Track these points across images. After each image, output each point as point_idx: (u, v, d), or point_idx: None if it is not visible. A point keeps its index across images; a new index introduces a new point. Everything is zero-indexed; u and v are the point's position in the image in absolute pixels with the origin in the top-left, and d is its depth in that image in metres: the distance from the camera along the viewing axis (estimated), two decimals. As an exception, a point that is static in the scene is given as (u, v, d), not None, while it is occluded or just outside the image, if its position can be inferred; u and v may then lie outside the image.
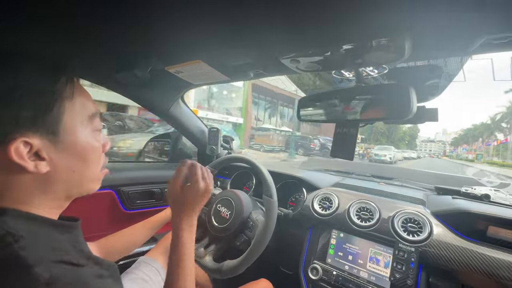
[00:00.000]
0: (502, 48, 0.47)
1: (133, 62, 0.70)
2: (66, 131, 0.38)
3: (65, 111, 0.37)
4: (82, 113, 0.40)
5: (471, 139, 54.14)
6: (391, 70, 0.69)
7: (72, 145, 0.39)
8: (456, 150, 60.16)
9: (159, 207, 1.32)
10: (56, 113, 0.36)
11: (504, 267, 0.66)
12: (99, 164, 0.46)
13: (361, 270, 0.85)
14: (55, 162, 0.37)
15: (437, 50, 0.51)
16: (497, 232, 0.75)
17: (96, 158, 0.44)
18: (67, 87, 0.38)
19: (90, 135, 0.42)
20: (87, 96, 0.43)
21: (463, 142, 63.02)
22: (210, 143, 1.40)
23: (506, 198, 0.93)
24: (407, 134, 46.54)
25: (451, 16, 0.41)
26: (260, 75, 0.80)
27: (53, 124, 0.36)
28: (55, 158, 0.37)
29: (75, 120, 0.39)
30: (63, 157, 0.38)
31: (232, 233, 0.85)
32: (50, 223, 0.38)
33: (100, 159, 0.46)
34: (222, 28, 0.51)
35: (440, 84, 0.74)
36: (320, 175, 1.28)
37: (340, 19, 0.45)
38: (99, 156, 0.45)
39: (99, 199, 1.15)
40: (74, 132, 0.39)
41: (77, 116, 0.40)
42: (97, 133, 0.44)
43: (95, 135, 0.43)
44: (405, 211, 0.86)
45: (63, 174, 0.39)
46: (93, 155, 0.43)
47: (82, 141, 0.40)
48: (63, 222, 0.41)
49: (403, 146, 42.44)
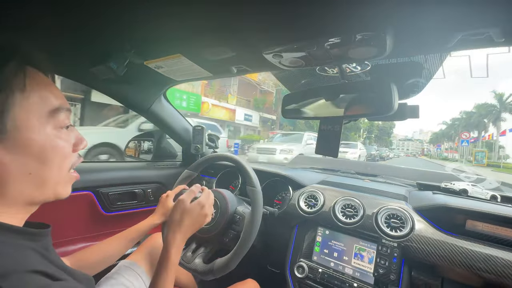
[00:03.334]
0: (479, 45, 0.47)
1: (108, 54, 0.66)
2: (17, 127, 0.33)
3: (15, 105, 0.33)
4: (40, 107, 0.36)
5: (455, 133, 49.02)
6: (374, 67, 0.70)
7: (26, 144, 0.35)
8: (441, 147, 54.08)
9: (141, 209, 1.27)
10: (1, 107, 0.32)
11: (481, 259, 0.68)
12: (65, 166, 0.41)
13: (346, 266, 0.85)
14: (4, 162, 0.33)
15: (417, 47, 0.52)
16: (475, 226, 0.77)
17: (59, 158, 0.39)
18: (17, 77, 0.34)
19: (51, 133, 0.38)
20: (49, 89, 0.38)
21: (445, 139, 58.37)
22: (195, 142, 1.37)
23: (482, 192, 0.97)
24: (375, 127, 36.97)
25: (430, 12, 0.41)
26: (244, 71, 0.78)
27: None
28: (3, 158, 0.33)
29: (31, 116, 0.35)
30: (15, 157, 0.34)
31: (219, 231, 0.83)
32: (12, 230, 0.34)
33: (66, 160, 0.41)
34: (202, 20, 0.49)
35: (421, 82, 0.75)
36: (306, 173, 1.29)
37: (324, 13, 0.44)
38: (63, 157, 0.40)
39: (76, 201, 1.09)
40: (28, 129, 0.35)
41: (33, 111, 0.35)
42: (62, 130, 0.40)
43: (59, 133, 0.39)
44: (388, 207, 0.88)
45: (16, 176, 0.34)
46: (53, 156, 0.38)
47: (40, 139, 0.36)
48: (29, 229, 0.36)
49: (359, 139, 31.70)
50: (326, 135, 0.74)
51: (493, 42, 0.46)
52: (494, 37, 0.42)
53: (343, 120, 0.70)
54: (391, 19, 0.44)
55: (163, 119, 1.27)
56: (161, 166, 1.44)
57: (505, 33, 0.41)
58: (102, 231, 1.19)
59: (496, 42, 0.45)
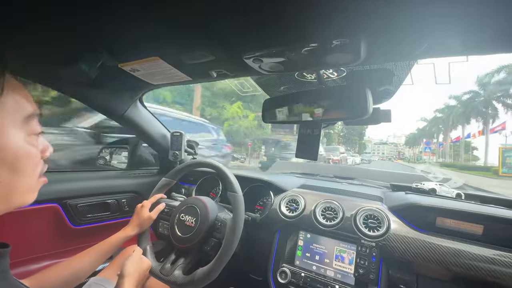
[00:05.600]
0: (442, 53, 0.52)
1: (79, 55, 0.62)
2: None
3: None
4: (15, 113, 0.34)
5: (435, 131, 41.26)
6: (349, 73, 0.73)
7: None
8: (432, 145, 41.32)
9: (115, 220, 1.20)
10: None
11: (450, 254, 0.73)
12: (35, 173, 0.39)
13: (328, 269, 0.86)
14: None
15: (388, 54, 0.55)
16: (444, 222, 0.82)
17: (31, 166, 0.37)
18: None
19: (25, 140, 0.36)
20: (23, 94, 0.36)
21: (423, 138, 49.47)
22: (173, 148, 1.33)
23: (448, 191, 1.04)
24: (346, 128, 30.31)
25: (400, 22, 0.44)
26: (224, 76, 0.78)
27: None
28: None
29: (5, 121, 0.33)
30: None
31: (200, 240, 0.80)
32: None
33: (36, 167, 0.39)
34: (180, 21, 0.48)
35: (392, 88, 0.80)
36: (287, 178, 1.30)
37: (302, 19, 0.45)
38: (35, 164, 0.38)
39: (40, 215, 0.99)
40: (2, 136, 0.33)
41: (8, 116, 0.33)
42: (33, 137, 0.38)
43: (31, 139, 0.37)
44: (366, 208, 0.91)
45: None
46: (26, 163, 0.36)
47: (14, 146, 0.34)
48: None
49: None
50: (305, 139, 0.75)
51: (454, 51, 0.50)
52: (454, 46, 0.47)
53: (322, 124, 0.72)
54: (365, 27, 0.47)
55: (138, 125, 1.22)
56: (136, 175, 1.38)
57: (464, 43, 0.46)
58: (70, 247, 1.09)
59: (457, 51, 0.49)
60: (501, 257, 0.69)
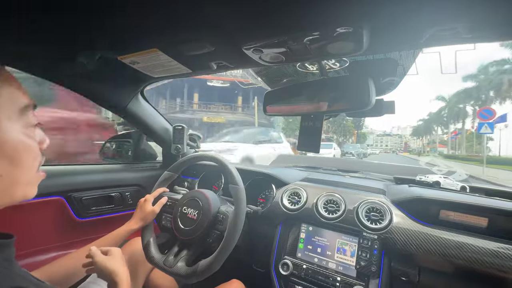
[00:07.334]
0: (449, 41, 0.50)
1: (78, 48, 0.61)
2: None
3: None
4: (10, 105, 0.34)
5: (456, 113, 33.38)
6: (352, 64, 0.71)
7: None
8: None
9: (119, 213, 1.21)
10: None
11: (453, 247, 0.72)
12: (35, 166, 0.39)
13: (329, 261, 0.87)
14: None
15: (392, 43, 0.53)
16: (447, 215, 0.81)
17: (31, 158, 0.37)
18: None
19: (22, 132, 0.36)
20: (17, 86, 0.36)
21: (435, 124, 44.18)
22: (175, 142, 1.33)
23: (453, 184, 1.03)
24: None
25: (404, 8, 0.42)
26: (224, 68, 0.77)
27: None
28: None
29: (1, 114, 0.33)
30: None
31: (202, 232, 0.80)
32: None
33: (35, 160, 0.39)
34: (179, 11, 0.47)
35: (396, 79, 0.78)
36: (289, 171, 1.29)
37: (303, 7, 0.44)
38: (34, 156, 0.38)
39: (45, 207, 1.01)
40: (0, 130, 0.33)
41: (4, 109, 0.33)
42: (31, 129, 0.37)
43: (28, 131, 0.37)
44: (368, 201, 0.90)
45: None
46: (26, 156, 0.36)
47: (12, 139, 0.34)
48: None
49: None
50: (307, 131, 0.74)
51: (461, 38, 0.48)
52: (462, 33, 0.45)
53: (324, 116, 0.70)
54: (367, 15, 0.45)
55: (141, 118, 1.22)
56: (140, 168, 1.38)
57: (472, 28, 0.44)
58: (76, 239, 1.12)
59: (464, 38, 0.47)
60: (506, 250, 0.68)
